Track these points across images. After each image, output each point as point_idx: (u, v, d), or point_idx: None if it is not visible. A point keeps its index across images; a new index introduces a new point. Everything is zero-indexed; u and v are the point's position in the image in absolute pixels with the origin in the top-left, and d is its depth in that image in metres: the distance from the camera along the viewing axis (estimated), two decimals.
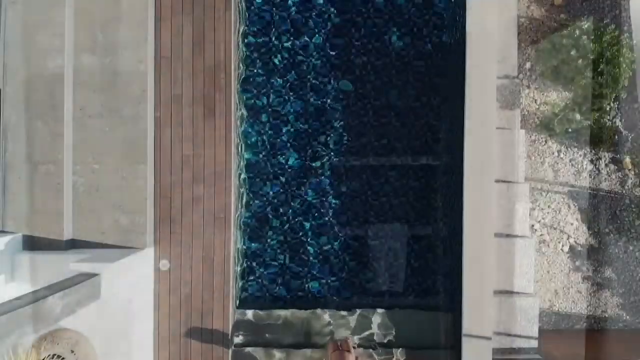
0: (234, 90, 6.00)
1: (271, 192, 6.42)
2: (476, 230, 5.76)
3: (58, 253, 5.55)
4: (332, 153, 6.41)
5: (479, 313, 5.73)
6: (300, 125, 6.41)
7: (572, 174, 6.56)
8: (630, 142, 6.56)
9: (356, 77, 6.40)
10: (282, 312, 6.02)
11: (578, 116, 6.25)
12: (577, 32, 6.09)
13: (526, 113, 6.55)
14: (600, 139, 6.44)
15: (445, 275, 6.36)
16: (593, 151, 6.55)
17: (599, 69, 5.97)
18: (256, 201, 6.43)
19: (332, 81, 6.40)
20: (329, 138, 6.40)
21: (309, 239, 6.42)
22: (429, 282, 6.42)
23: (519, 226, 6.12)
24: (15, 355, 4.11)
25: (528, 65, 6.58)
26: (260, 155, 6.42)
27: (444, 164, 6.41)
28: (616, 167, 6.55)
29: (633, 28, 6.48)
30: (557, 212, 6.53)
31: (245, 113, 6.37)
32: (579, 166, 6.57)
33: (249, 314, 6.05)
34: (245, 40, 6.35)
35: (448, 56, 6.41)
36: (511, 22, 6.30)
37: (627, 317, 6.47)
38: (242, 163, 6.33)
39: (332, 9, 6.41)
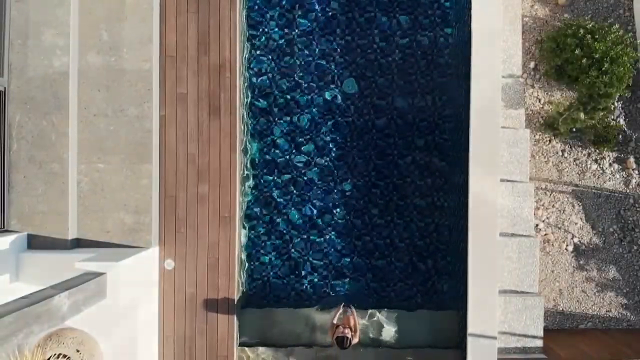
0: (239, 89, 5.99)
1: (275, 192, 6.42)
2: (481, 230, 5.76)
3: (63, 252, 5.55)
4: (337, 152, 6.42)
5: (484, 312, 5.73)
6: (305, 124, 6.43)
7: (576, 174, 6.56)
8: (634, 142, 6.57)
9: (360, 75, 6.38)
10: (287, 311, 6.01)
11: (582, 115, 6.25)
12: (581, 31, 6.09)
13: (530, 112, 6.55)
14: (604, 138, 6.44)
15: (450, 275, 6.36)
16: (597, 151, 6.56)
17: (603, 69, 5.97)
18: (261, 201, 6.43)
19: (335, 79, 6.41)
20: (334, 134, 6.41)
21: (313, 239, 6.42)
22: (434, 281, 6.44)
23: (523, 225, 6.14)
24: (20, 354, 4.08)
25: (532, 64, 6.58)
26: (265, 154, 6.43)
27: (450, 164, 6.42)
28: (620, 167, 6.56)
29: (637, 27, 6.49)
30: (562, 211, 6.53)
31: (249, 112, 6.38)
32: (583, 166, 6.57)
33: (254, 313, 6.04)
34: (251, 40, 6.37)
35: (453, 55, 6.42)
36: (516, 22, 6.31)
37: (632, 316, 6.47)
38: (247, 161, 6.32)
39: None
